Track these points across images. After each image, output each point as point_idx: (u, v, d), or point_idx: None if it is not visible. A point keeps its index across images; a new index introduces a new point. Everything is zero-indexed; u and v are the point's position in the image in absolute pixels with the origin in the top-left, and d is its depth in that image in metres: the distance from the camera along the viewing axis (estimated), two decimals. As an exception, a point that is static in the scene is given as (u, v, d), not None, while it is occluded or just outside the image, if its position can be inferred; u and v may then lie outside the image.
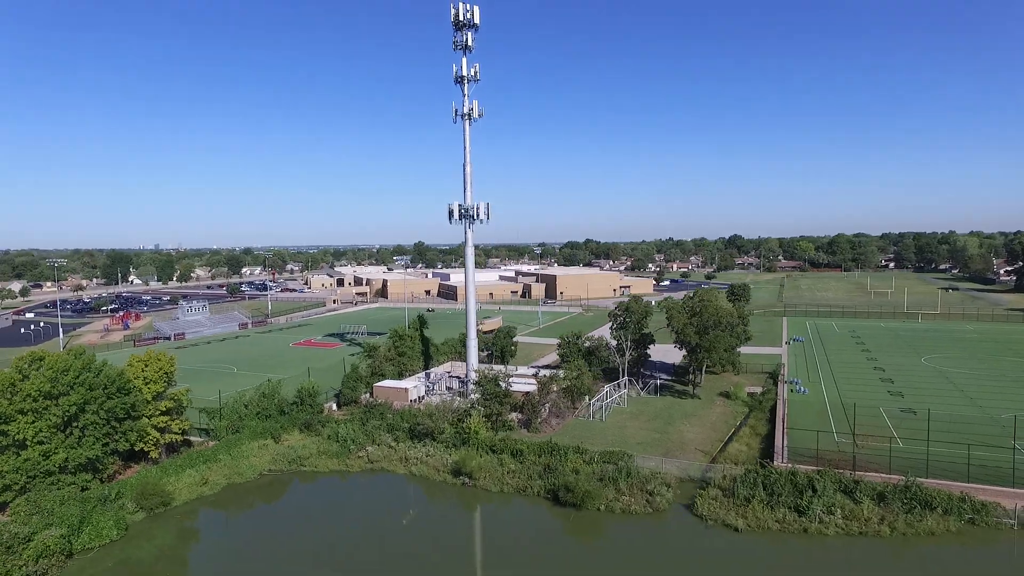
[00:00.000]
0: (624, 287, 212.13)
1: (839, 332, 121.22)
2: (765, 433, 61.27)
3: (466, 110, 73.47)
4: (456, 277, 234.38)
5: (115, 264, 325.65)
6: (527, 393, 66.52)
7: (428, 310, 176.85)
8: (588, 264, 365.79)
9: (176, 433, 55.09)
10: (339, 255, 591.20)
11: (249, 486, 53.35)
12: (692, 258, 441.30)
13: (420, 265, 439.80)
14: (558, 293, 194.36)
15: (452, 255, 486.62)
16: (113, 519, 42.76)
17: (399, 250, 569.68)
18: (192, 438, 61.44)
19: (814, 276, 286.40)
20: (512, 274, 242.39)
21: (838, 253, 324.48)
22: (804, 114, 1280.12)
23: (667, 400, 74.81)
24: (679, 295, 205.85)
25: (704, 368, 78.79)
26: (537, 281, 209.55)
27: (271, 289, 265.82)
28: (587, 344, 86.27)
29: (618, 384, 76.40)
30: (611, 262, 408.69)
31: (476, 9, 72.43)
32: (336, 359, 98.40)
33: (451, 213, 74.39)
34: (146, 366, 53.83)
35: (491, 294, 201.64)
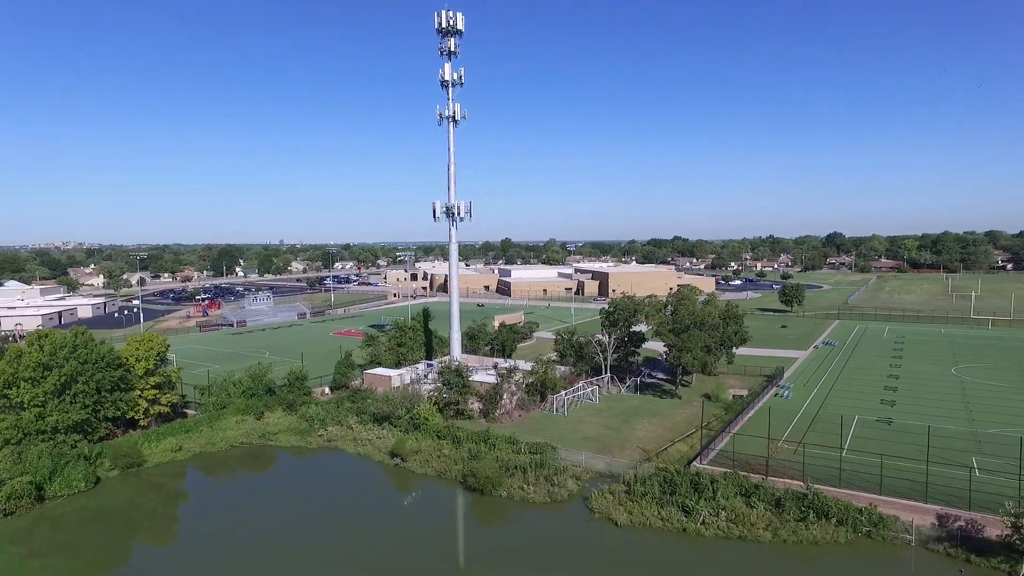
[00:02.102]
0: (682, 286, 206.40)
1: (885, 337, 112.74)
2: (717, 435, 60.04)
3: (449, 113, 76.84)
4: (516, 274, 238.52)
5: (222, 258, 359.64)
6: (493, 385, 69.03)
7: (478, 305, 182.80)
8: (665, 262, 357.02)
9: (164, 405, 62.89)
10: (429, 251, 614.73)
11: (218, 455, 60.05)
12: (783, 256, 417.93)
13: (500, 261, 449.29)
14: (610, 291, 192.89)
15: (532, 251, 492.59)
16: (82, 473, 50.33)
17: (487, 246, 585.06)
18: (189, 411, 69.66)
19: (910, 277, 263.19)
20: (571, 271, 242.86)
21: (944, 252, 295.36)
22: (937, 103, 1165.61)
23: (644, 399, 74.44)
24: (743, 295, 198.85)
25: (699, 368, 77.22)
26: (592, 279, 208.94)
27: (352, 282, 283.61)
28: (580, 341, 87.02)
29: (599, 380, 76.95)
30: (691, 260, 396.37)
31: (459, 16, 75.60)
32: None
33: (434, 211, 78.16)
34: (139, 346, 61.94)
35: (545, 290, 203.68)
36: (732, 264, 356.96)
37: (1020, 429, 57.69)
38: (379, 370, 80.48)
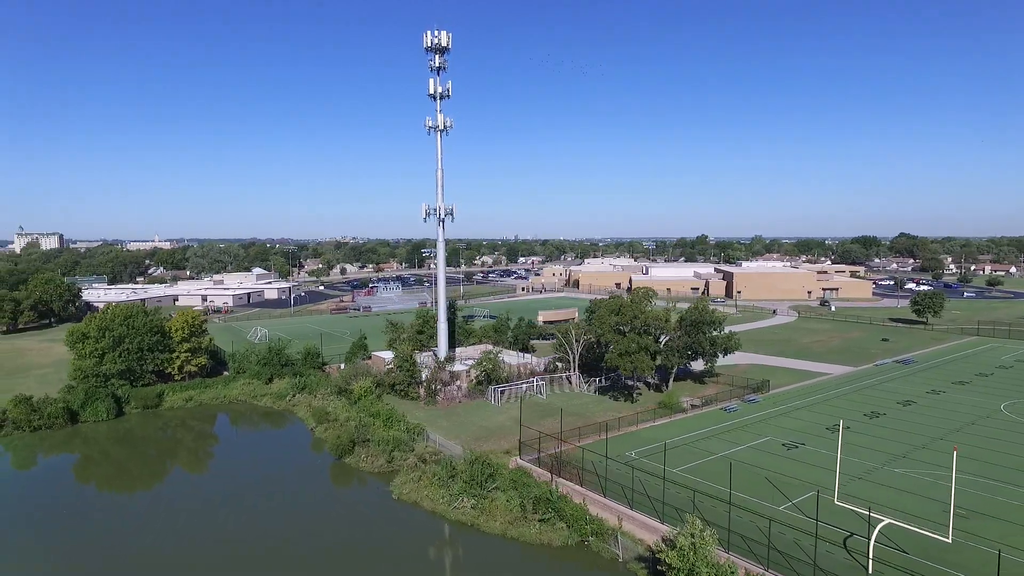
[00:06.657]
0: (830, 289, 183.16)
1: (992, 360, 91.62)
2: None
3: (435, 124, 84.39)
4: (653, 271, 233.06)
5: (414, 251, 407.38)
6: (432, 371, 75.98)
7: (591, 301, 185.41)
8: (856, 262, 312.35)
9: (193, 366, 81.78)
10: (618, 246, 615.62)
11: (214, 405, 77.03)
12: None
13: (680, 260, 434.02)
14: (735, 291, 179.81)
15: (719, 248, 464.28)
16: (105, 406, 69.96)
17: (681, 243, 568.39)
18: (227, 372, 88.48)
19: None
20: (711, 270, 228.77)
21: None
22: None
23: (597, 399, 74.56)
24: (894, 303, 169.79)
25: (630, 372, 74.35)
26: (721, 279, 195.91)
27: (510, 275, 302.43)
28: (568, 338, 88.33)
29: (568, 376, 78.90)
30: (900, 260, 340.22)
31: (443, 34, 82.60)
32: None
33: (425, 213, 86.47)
34: (179, 320, 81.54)
35: (668, 289, 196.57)
36: (951, 267, 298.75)
37: (963, 473, 47.63)
38: (380, 353, 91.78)
